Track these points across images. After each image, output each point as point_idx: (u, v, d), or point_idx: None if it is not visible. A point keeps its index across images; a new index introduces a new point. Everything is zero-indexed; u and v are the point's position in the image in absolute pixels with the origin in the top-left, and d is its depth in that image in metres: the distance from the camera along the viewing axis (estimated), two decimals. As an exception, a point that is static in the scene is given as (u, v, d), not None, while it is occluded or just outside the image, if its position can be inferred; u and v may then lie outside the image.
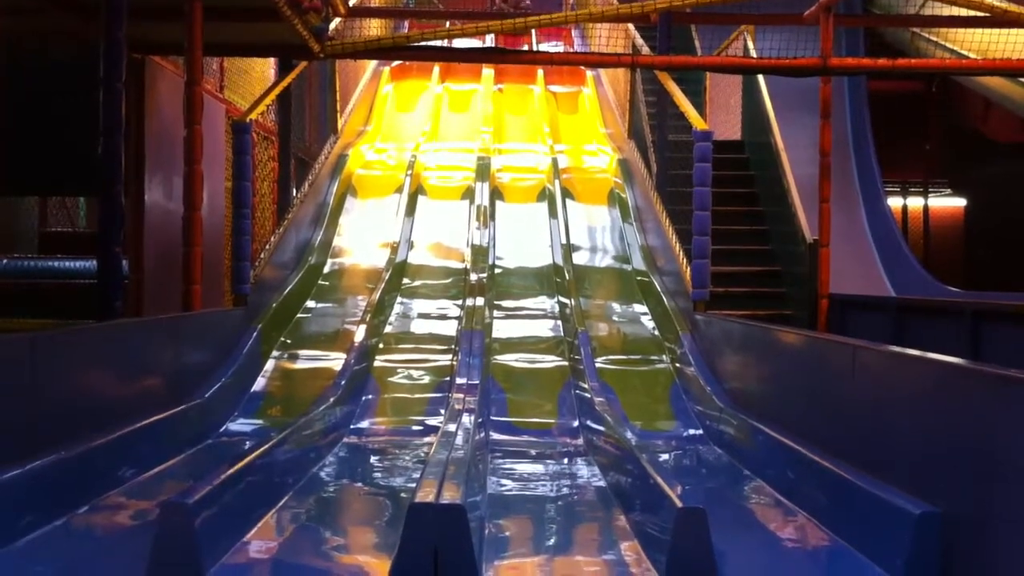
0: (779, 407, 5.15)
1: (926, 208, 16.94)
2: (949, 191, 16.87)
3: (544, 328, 7.80)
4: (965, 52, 9.91)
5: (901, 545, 3.17)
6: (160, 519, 3.22)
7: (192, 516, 3.20)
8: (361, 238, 9.45)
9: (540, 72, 13.71)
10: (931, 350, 3.78)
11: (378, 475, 5.08)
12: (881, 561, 3.27)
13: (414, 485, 3.91)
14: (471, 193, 10.23)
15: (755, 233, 9.72)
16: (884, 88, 13.86)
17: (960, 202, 16.88)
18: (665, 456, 5.51)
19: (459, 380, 6.47)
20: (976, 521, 2.97)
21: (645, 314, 8.06)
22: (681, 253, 7.98)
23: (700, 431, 6.03)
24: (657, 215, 8.86)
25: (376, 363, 6.98)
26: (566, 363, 7.02)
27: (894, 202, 14.99)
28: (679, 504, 3.30)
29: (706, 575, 3.11)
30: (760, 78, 9.98)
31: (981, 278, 13.09)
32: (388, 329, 7.65)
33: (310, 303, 8.15)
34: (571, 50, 15.47)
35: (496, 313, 7.90)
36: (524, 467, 5.25)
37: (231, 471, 3.71)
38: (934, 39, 11.11)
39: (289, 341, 7.37)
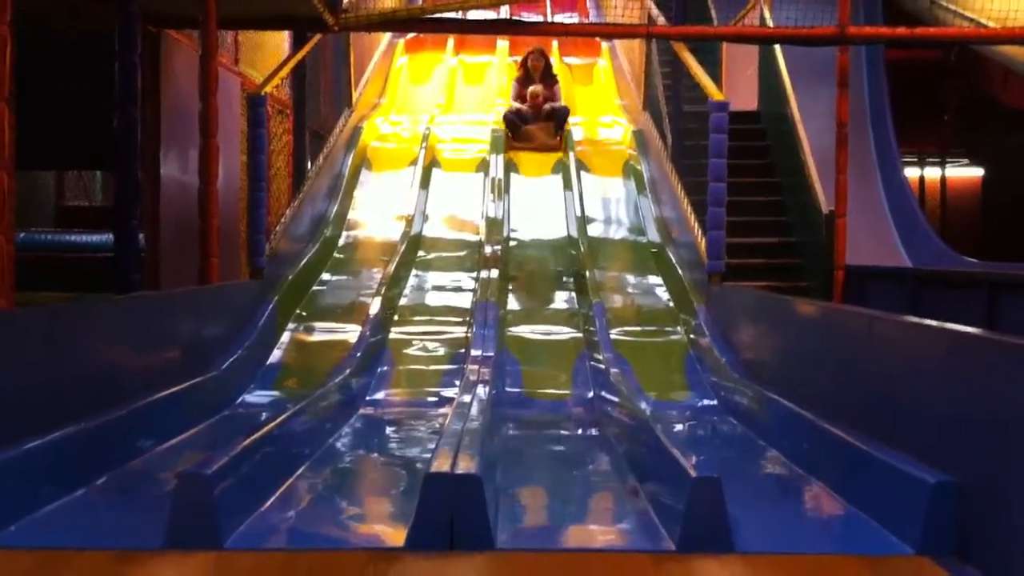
0: (794, 378, 5.15)
1: (943, 178, 16.84)
2: (967, 161, 16.76)
3: (559, 300, 7.80)
4: (984, 21, 9.81)
5: (917, 514, 3.17)
6: (178, 489, 3.24)
7: (210, 486, 3.22)
8: (376, 211, 9.46)
9: (555, 44, 13.61)
10: (948, 321, 3.76)
11: (394, 446, 5.11)
12: (896, 530, 3.27)
13: (429, 456, 3.93)
14: (485, 165, 10.21)
15: (771, 204, 9.68)
16: (902, 57, 13.75)
17: (978, 172, 16.77)
18: (679, 427, 5.52)
19: (474, 352, 6.49)
20: (992, 491, 2.97)
21: (660, 286, 8.05)
22: (696, 225, 7.96)
23: (715, 402, 6.04)
24: (672, 187, 8.83)
25: (391, 335, 7.00)
26: (580, 335, 7.03)
27: (911, 173, 14.90)
28: (693, 474, 3.31)
29: (721, 544, 3.12)
30: (776, 48, 9.92)
31: (998, 249, 13.01)
32: (403, 301, 7.67)
33: (325, 275, 8.18)
34: (586, 21, 15.38)
35: (511, 286, 7.90)
36: (538, 438, 5.27)
37: (248, 442, 3.74)
38: (953, 7, 10.99)
39: (305, 313, 7.40)
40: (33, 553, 3.03)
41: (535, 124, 10.81)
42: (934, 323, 3.79)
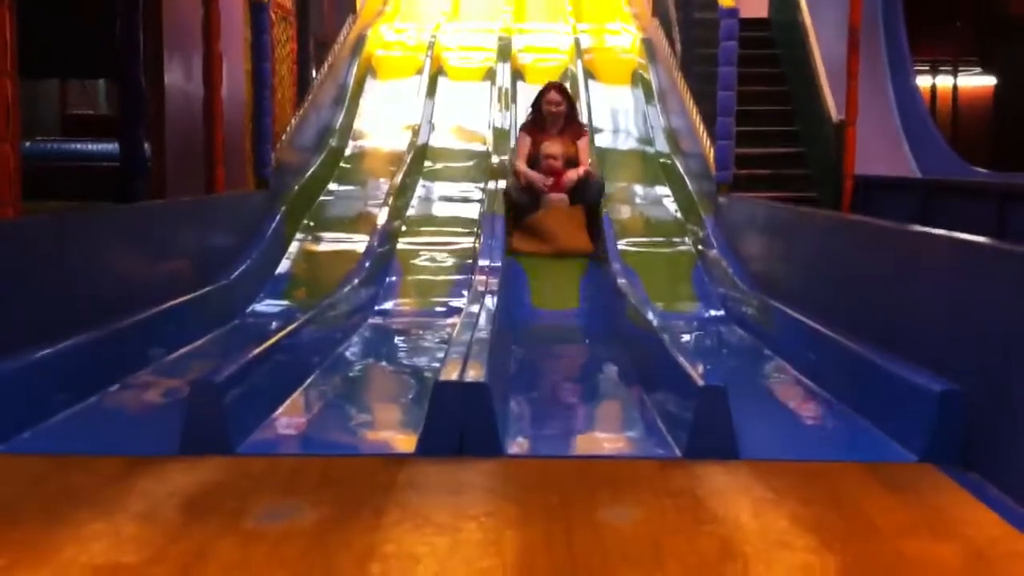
0: (802, 288, 5.15)
1: (955, 88, 16.64)
2: (979, 70, 16.54)
3: (566, 211, 7.75)
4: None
5: (922, 422, 3.19)
6: (190, 397, 3.28)
7: (221, 394, 3.26)
8: (382, 121, 9.37)
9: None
10: (957, 231, 3.75)
11: (402, 355, 5.14)
12: (901, 438, 3.30)
13: (438, 364, 3.96)
14: (492, 75, 10.09)
15: (780, 114, 9.59)
16: (916, -37, 13.47)
17: (990, 81, 16.56)
18: (687, 337, 5.54)
19: (481, 262, 6.49)
20: (998, 400, 2.99)
21: (668, 196, 8.01)
22: (705, 135, 7.89)
23: (722, 312, 6.05)
24: (681, 96, 8.73)
25: (399, 246, 7.00)
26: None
27: (922, 81, 14.71)
28: (700, 383, 3.33)
29: (727, 452, 3.15)
30: (788, -47, 9.72)
31: (1010, 159, 12.91)
32: (410, 212, 7.65)
33: (332, 186, 8.14)
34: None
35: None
36: (546, 348, 5.29)
37: (258, 350, 3.77)
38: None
39: (312, 224, 7.39)
40: (48, 458, 3.08)
41: (551, 208, 6.94)
42: (943, 232, 3.77)
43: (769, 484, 2.86)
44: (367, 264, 6.27)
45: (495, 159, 8.40)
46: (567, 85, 8.19)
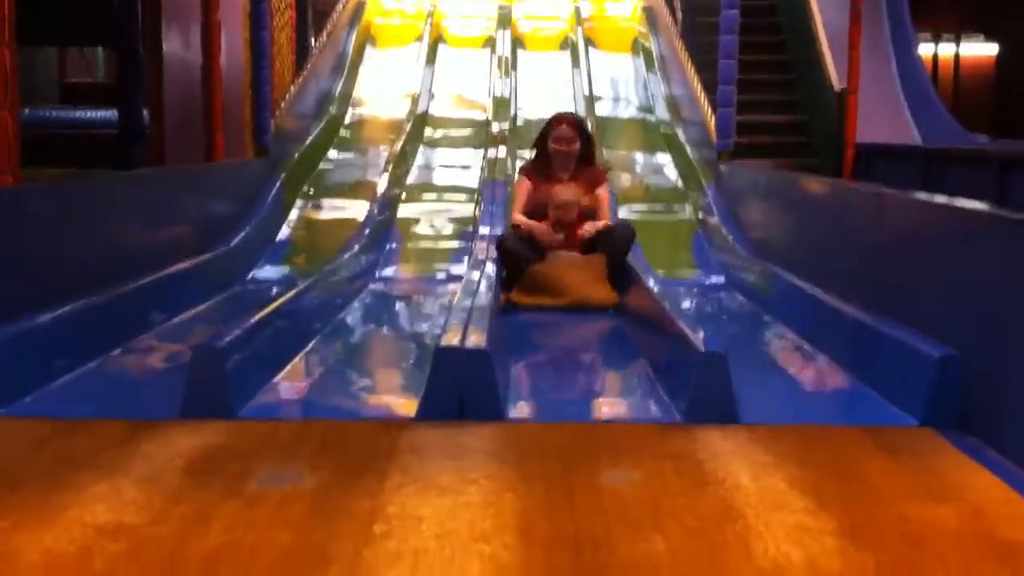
0: (803, 255, 5.15)
1: (957, 56, 16.56)
2: (982, 38, 16.45)
3: (567, 178, 7.74)
4: None
5: (921, 388, 3.20)
6: (192, 361, 3.29)
7: (223, 358, 3.27)
8: (381, 88, 9.35)
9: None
10: (958, 198, 3.75)
11: (403, 321, 5.16)
12: (900, 403, 3.31)
13: (439, 331, 3.97)
14: (492, 42, 10.05)
15: (782, 82, 9.56)
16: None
17: (992, 49, 16.48)
18: (687, 303, 5.55)
19: (482, 230, 6.49)
20: (997, 365, 3.00)
21: (668, 164, 8.00)
22: (706, 103, 7.86)
23: (722, 279, 6.06)
24: (682, 64, 8.70)
25: (399, 213, 7.00)
26: (589, 213, 6.99)
27: (924, 50, 14.64)
28: (701, 348, 3.34)
29: (727, 417, 3.16)
30: (791, -81, 9.65)
31: (1011, 127, 12.87)
32: (411, 180, 7.64)
33: (332, 153, 8.13)
34: None
35: (518, 164, 7.85)
36: (547, 314, 5.29)
37: (259, 316, 3.77)
38: None
39: (312, 191, 7.38)
40: (50, 422, 3.08)
41: (562, 262, 5.42)
42: (944, 199, 3.77)
43: (768, 448, 2.87)
44: (367, 231, 6.27)
45: (495, 127, 8.39)
46: (582, 118, 6.44)
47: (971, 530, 2.31)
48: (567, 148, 5.65)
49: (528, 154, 6.03)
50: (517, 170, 6.01)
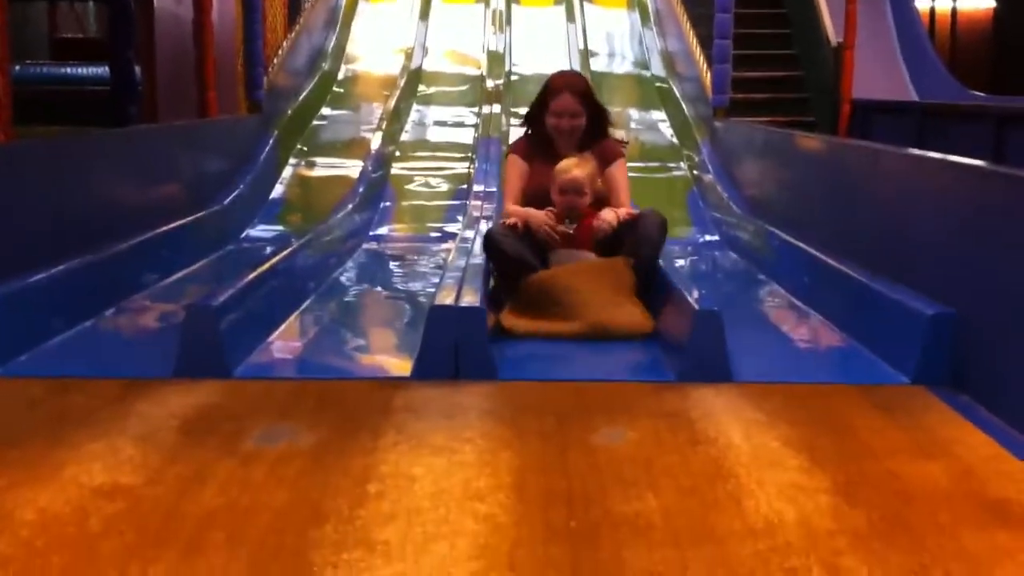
0: (797, 213, 5.14)
1: (954, 11, 16.44)
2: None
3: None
4: None
5: (913, 345, 3.21)
6: (185, 321, 3.29)
7: (216, 318, 3.26)
8: (375, 44, 9.27)
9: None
10: (954, 155, 3.74)
11: (398, 280, 5.15)
12: (894, 361, 3.32)
13: (433, 289, 3.97)
14: (487, -4, 9.97)
15: (778, 37, 9.49)
16: None
17: (989, 4, 16.37)
18: (681, 261, 5.54)
19: (476, 188, 6.48)
20: (991, 322, 3.01)
21: (663, 121, 7.96)
22: (702, 58, 7.82)
23: (717, 237, 6.05)
24: (678, 18, 8.63)
25: (393, 171, 6.97)
26: (583, 170, 6.96)
27: (921, 5, 14.53)
28: (695, 307, 3.34)
29: (721, 375, 3.17)
30: None
31: (1008, 84, 12.81)
32: (405, 137, 7.60)
33: (325, 110, 8.08)
34: None
35: (513, 121, 7.81)
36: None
37: (253, 275, 3.77)
38: None
39: (306, 148, 7.34)
40: (45, 381, 3.09)
41: (572, 268, 4.05)
42: (938, 155, 3.76)
43: (761, 406, 2.88)
44: (361, 189, 6.25)
45: (489, 83, 8.33)
46: (587, 82, 4.57)
47: (962, 488, 2.32)
48: (569, 124, 4.31)
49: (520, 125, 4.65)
50: (508, 146, 4.47)
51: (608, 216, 4.12)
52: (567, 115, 4.32)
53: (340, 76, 8.77)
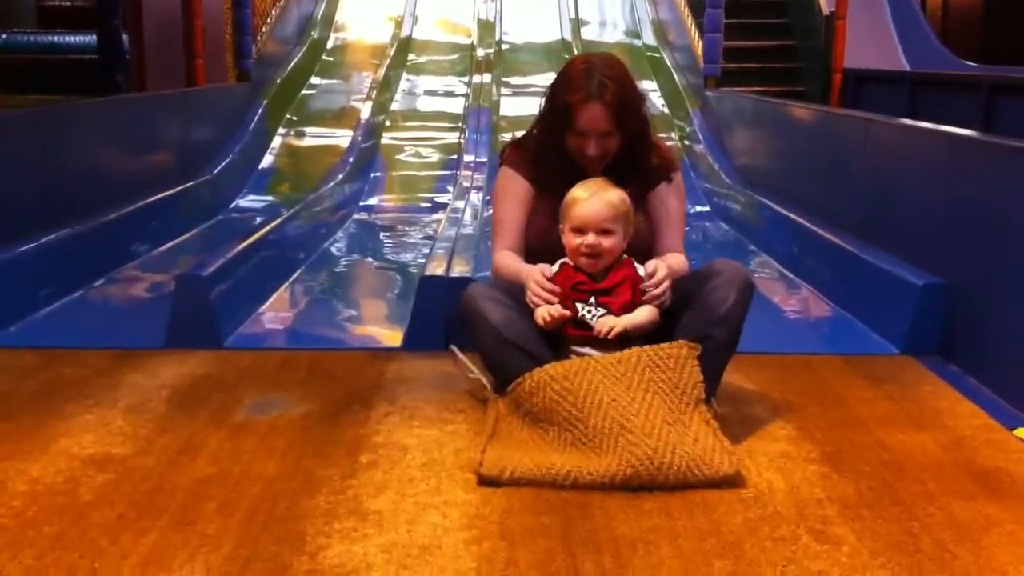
0: (788, 183, 5.14)
1: (947, -20, 16.37)
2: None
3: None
4: None
5: (903, 315, 3.22)
6: (176, 291, 3.28)
7: (207, 288, 3.26)
8: (364, 12, 9.20)
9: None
10: (945, 124, 3.73)
11: (388, 250, 5.14)
12: (883, 331, 3.33)
13: (423, 260, 3.97)
14: (477, -36, 9.88)
15: (770, 6, 9.43)
16: None
17: (982, -26, 16.30)
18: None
19: (467, 158, 6.46)
20: (980, 292, 3.02)
21: (654, 91, 7.93)
22: (693, 27, 7.78)
23: (707, 208, 6.05)
24: (669, -13, 8.58)
25: (383, 141, 6.94)
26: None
27: (914, -26, 14.45)
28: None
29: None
30: None
31: (999, 54, 12.79)
32: (394, 106, 7.57)
33: (315, 79, 8.03)
34: None
35: (503, 91, 7.78)
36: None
37: (244, 245, 3.76)
38: None
39: (295, 118, 7.30)
40: (35, 352, 3.08)
41: (601, 370, 2.33)
42: (929, 126, 3.76)
43: (751, 376, 2.89)
44: (351, 159, 6.23)
45: (480, 52, 8.29)
46: (625, 79, 2.66)
47: (951, 458, 2.34)
48: (600, 148, 2.62)
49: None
50: (501, 149, 2.87)
51: (659, 271, 2.50)
52: (595, 141, 2.61)
53: (329, 45, 8.71)
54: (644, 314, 2.45)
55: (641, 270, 2.50)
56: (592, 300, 2.46)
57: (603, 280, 2.48)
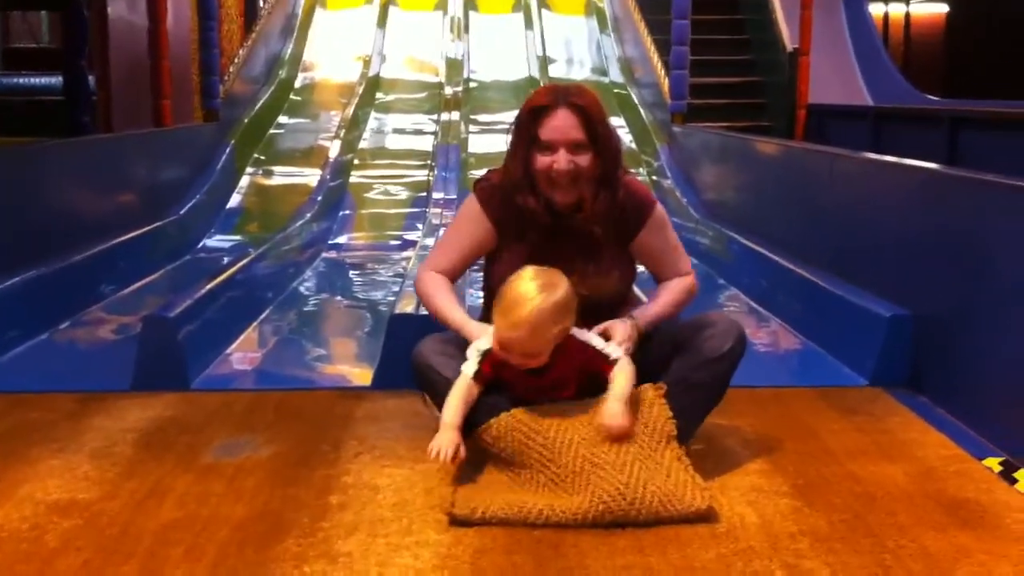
0: (756, 217, 5.18)
1: (907, 16, 16.65)
2: (933, -4, 16.54)
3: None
4: None
5: (871, 347, 3.24)
6: (142, 332, 3.25)
7: (174, 329, 3.23)
8: (332, 51, 9.23)
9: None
10: (909, 158, 3.78)
11: (357, 289, 5.12)
12: (852, 363, 3.35)
13: (393, 298, 3.95)
14: (444, 3, 9.94)
15: (735, 43, 9.54)
16: None
17: (942, 8, 16.59)
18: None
19: (436, 195, 6.46)
20: (947, 324, 3.04)
21: (622, 127, 7.98)
22: (659, 64, 7.85)
23: (676, 242, 6.06)
24: (635, 25, 8.67)
25: (352, 179, 6.94)
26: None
27: (875, 9, 14.69)
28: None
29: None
30: None
31: (961, 87, 12.98)
32: (363, 144, 7.57)
33: (282, 118, 8.03)
34: None
35: (472, 128, 7.81)
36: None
37: (211, 285, 3.73)
38: None
39: (263, 157, 7.29)
40: (0, 396, 3.03)
41: (566, 419, 2.33)
42: (894, 159, 3.80)
43: (722, 409, 2.88)
44: (319, 198, 6.22)
45: (448, 90, 8.32)
46: (592, 97, 2.54)
47: (921, 488, 2.34)
48: (568, 163, 2.46)
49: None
50: (476, 182, 2.72)
51: (618, 333, 2.45)
52: (564, 146, 2.45)
53: (297, 84, 8.72)
54: (625, 382, 2.34)
55: (593, 338, 2.40)
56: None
57: (545, 375, 2.36)
